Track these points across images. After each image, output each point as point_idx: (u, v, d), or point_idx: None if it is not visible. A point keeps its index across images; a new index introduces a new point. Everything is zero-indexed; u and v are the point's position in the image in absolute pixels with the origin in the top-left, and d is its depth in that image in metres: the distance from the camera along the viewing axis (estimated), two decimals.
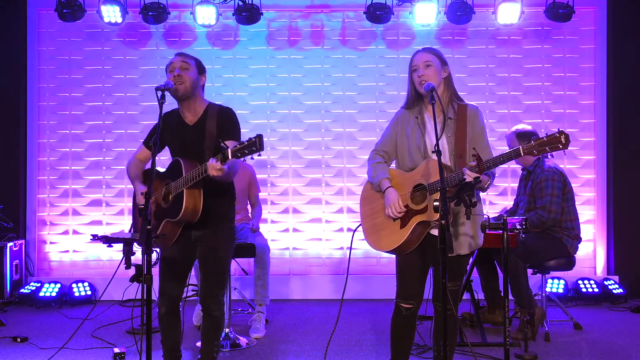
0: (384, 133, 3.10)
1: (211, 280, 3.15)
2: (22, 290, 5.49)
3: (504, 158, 2.64)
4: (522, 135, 4.48)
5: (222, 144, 2.70)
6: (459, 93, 3.03)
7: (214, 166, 2.71)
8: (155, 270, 3.03)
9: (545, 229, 4.35)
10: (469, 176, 2.59)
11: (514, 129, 4.62)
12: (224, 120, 3.10)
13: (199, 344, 3.74)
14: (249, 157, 2.63)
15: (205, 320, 3.22)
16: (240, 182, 4.98)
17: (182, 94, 3.05)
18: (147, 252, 2.54)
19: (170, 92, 2.99)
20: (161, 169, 3.20)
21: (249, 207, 5.11)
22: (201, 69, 3.17)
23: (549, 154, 2.57)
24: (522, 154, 2.58)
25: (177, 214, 2.91)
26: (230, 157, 2.67)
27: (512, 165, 5.62)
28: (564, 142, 2.51)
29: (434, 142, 2.83)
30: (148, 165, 3.31)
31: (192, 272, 3.88)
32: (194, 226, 3.03)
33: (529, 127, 4.58)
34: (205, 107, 3.14)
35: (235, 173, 3.03)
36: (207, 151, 3.02)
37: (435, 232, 2.77)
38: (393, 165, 3.11)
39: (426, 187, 2.81)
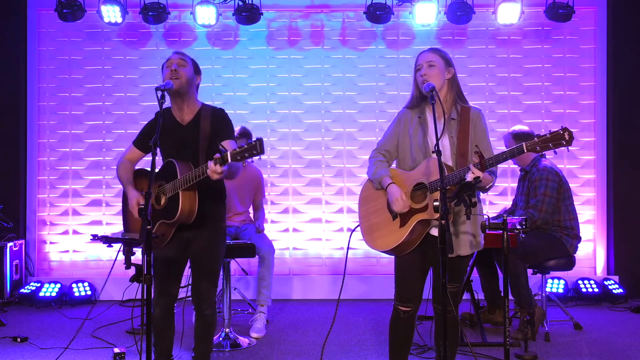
0: (386, 132, 3.07)
1: (204, 280, 3.14)
2: (22, 290, 5.49)
3: (507, 155, 2.65)
4: (518, 136, 4.49)
5: (221, 147, 2.70)
6: None
7: (214, 170, 2.71)
8: None
9: (535, 228, 4.35)
10: (474, 173, 2.58)
11: (510, 129, 4.63)
12: (218, 121, 3.12)
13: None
14: (249, 159, 2.65)
15: (198, 319, 3.21)
16: (248, 185, 4.99)
17: (178, 88, 3.04)
18: (147, 252, 2.54)
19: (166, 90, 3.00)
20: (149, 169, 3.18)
21: (250, 208, 5.11)
22: (197, 69, 3.18)
23: (551, 151, 2.56)
24: (525, 151, 2.58)
25: (173, 215, 2.91)
26: (230, 160, 2.69)
27: (512, 165, 5.62)
28: (567, 138, 2.51)
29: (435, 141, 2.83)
30: (137, 166, 3.29)
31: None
32: (187, 226, 3.02)
33: (525, 128, 4.59)
34: (199, 108, 3.15)
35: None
36: (202, 152, 3.04)
37: (435, 232, 2.76)
38: (394, 165, 3.10)
39: (427, 185, 2.81)
